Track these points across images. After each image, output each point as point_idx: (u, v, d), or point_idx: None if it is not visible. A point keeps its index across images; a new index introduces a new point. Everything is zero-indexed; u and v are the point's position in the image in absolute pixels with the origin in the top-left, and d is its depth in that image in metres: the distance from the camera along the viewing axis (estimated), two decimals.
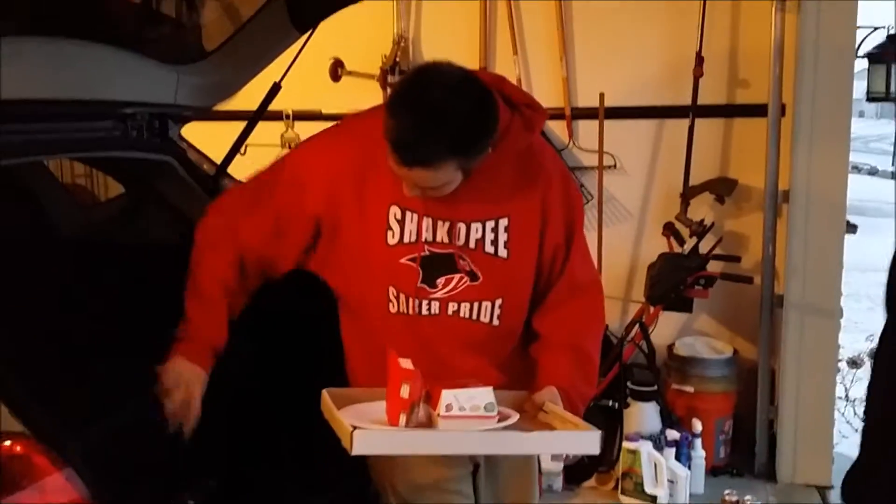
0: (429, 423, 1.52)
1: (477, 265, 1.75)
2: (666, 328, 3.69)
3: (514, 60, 3.81)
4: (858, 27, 3.30)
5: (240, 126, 2.45)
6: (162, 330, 1.79)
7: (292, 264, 1.81)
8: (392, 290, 1.75)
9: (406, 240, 1.73)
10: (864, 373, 5.66)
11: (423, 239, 1.74)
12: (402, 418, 1.49)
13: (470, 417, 1.50)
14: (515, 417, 1.57)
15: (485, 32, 3.84)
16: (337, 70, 3.83)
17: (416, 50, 3.93)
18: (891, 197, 14.30)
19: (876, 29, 3.44)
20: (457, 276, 1.75)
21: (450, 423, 1.49)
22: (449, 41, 3.89)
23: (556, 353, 1.81)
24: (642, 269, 3.61)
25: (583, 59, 3.78)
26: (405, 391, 1.47)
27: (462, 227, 1.74)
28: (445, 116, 1.57)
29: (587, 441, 1.56)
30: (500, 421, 1.53)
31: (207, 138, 2.54)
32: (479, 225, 1.75)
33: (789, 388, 3.45)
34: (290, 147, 3.98)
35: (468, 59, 3.83)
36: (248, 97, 2.41)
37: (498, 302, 1.78)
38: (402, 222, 1.74)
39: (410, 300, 1.75)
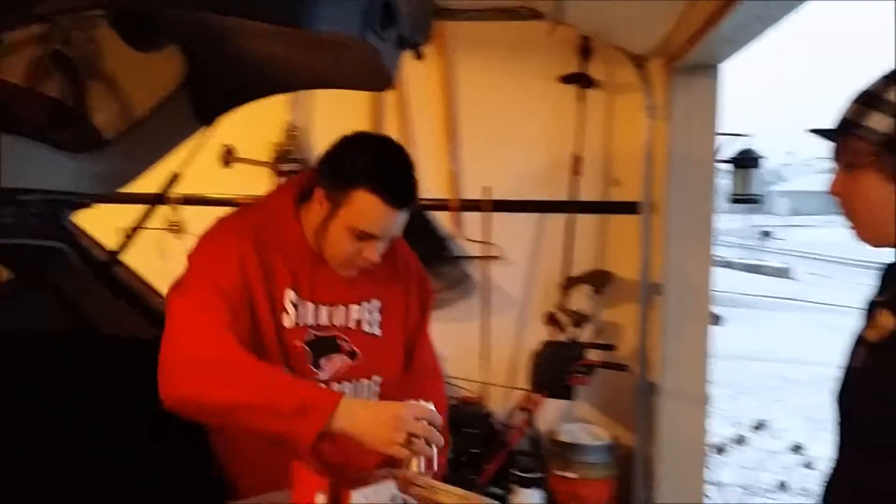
0: None
1: (357, 344, 1.88)
2: (547, 415, 3.79)
3: None
4: (721, 134, 3.59)
5: (118, 208, 2.44)
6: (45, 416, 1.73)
7: None
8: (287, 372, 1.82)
9: (300, 323, 1.83)
10: (729, 458, 5.95)
11: (308, 323, 1.84)
12: None
13: None
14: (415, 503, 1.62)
15: (375, 125, 3.96)
16: (227, 156, 3.85)
17: (307, 139, 4.00)
18: (743, 288, 15.30)
19: (738, 136, 3.76)
20: (338, 357, 1.87)
21: None
22: (340, 131, 3.96)
23: None
24: (525, 356, 3.73)
25: (469, 153, 3.94)
26: (321, 500, 1.49)
27: (343, 309, 1.88)
28: (411, 162, 1.80)
29: None
30: None
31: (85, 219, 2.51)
32: (357, 307, 1.89)
33: (664, 474, 3.59)
34: (172, 230, 3.94)
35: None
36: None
37: (376, 379, 1.92)
38: (295, 306, 1.83)
39: None
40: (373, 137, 1.89)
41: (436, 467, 1.65)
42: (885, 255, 1.50)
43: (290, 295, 1.82)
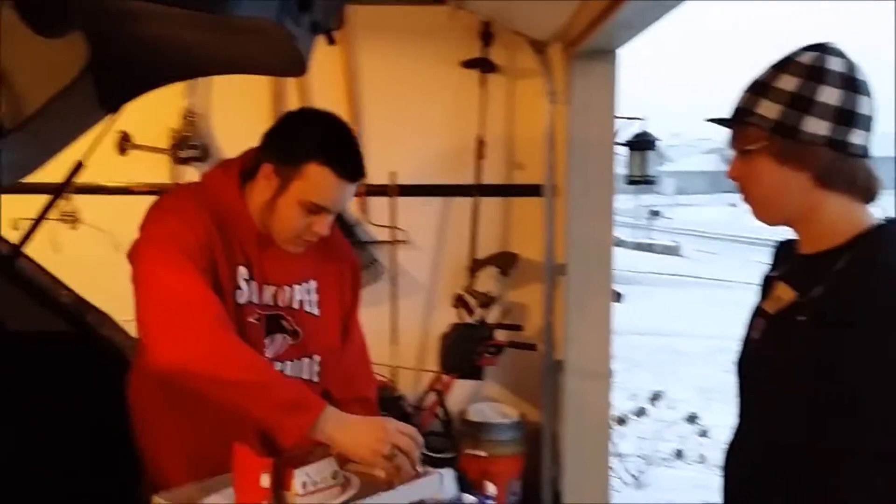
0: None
1: (298, 324, 1.90)
2: (456, 395, 3.86)
3: None
4: (619, 118, 3.70)
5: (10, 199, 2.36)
6: None
7: None
8: None
9: (252, 300, 1.83)
10: (628, 430, 6.16)
11: (255, 301, 1.85)
12: None
13: (325, 489, 1.57)
14: (356, 478, 1.66)
15: (276, 110, 3.90)
16: (123, 143, 3.74)
17: (206, 125, 3.92)
18: (635, 265, 15.80)
19: (634, 119, 3.90)
20: (280, 336, 1.89)
21: (310, 499, 1.54)
22: (239, 117, 3.90)
23: (350, 408, 1.92)
24: (434, 338, 3.77)
25: (374, 138, 3.93)
26: (266, 481, 1.50)
27: (287, 289, 1.89)
28: (356, 137, 1.86)
29: (437, 483, 1.75)
30: (346, 482, 1.63)
31: None
32: (299, 287, 1.92)
33: (570, 448, 3.71)
34: (66, 220, 3.80)
35: (260, 136, 3.87)
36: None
37: (316, 359, 1.94)
38: (247, 283, 1.83)
39: None
40: (320, 113, 1.91)
41: None
42: (776, 232, 1.60)
43: (241, 271, 1.82)
